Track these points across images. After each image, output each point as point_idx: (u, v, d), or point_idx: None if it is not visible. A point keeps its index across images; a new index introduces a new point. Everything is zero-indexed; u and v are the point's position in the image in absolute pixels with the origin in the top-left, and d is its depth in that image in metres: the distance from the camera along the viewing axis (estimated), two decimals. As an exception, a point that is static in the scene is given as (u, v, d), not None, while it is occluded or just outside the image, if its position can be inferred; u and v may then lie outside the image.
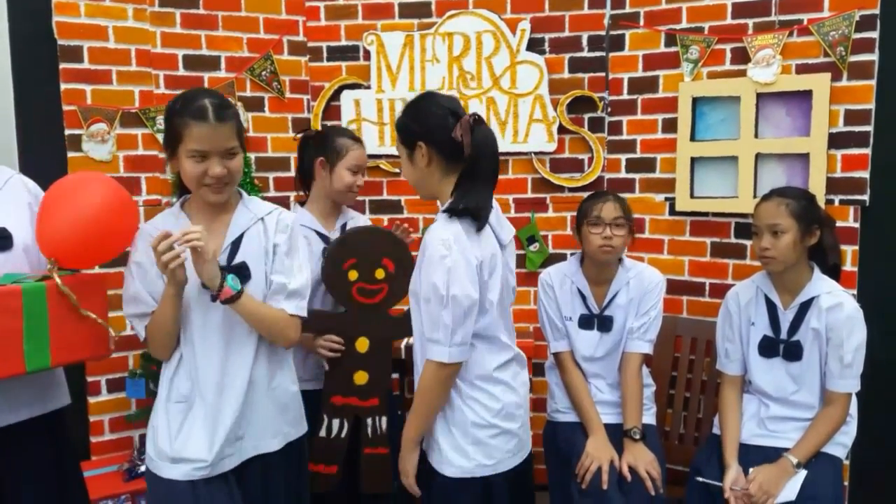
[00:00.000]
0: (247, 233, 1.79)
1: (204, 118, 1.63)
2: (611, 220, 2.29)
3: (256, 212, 1.82)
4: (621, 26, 2.92)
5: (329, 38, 3.09)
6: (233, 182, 1.73)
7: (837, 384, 2.10)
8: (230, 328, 1.77)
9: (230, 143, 1.67)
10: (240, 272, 1.75)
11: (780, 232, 2.09)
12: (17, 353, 1.61)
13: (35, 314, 1.64)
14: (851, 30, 2.49)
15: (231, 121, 1.68)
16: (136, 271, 1.75)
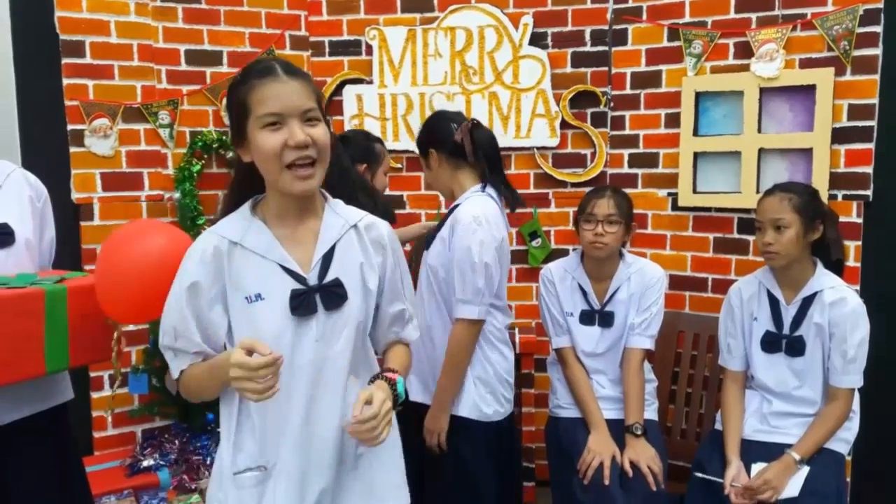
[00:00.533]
0: (339, 244, 1.43)
1: (271, 73, 1.32)
2: (603, 216, 2.28)
3: (347, 217, 1.47)
4: (624, 21, 2.92)
5: (331, 32, 3.09)
6: (321, 160, 1.35)
7: (840, 380, 2.10)
8: (318, 368, 1.38)
9: (307, 103, 1.33)
10: (334, 294, 1.39)
11: (783, 227, 2.09)
12: (38, 354, 1.64)
13: (56, 316, 1.66)
14: (855, 24, 2.48)
15: (304, 79, 1.35)
16: (188, 296, 1.36)
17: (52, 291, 1.65)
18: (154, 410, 2.77)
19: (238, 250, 1.37)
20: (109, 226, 2.77)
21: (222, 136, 2.93)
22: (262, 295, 1.35)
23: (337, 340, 1.39)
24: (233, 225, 1.40)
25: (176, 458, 2.65)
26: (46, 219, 1.90)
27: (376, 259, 1.47)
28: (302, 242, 1.41)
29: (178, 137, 2.89)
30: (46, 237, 1.90)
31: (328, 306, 1.37)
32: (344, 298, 1.39)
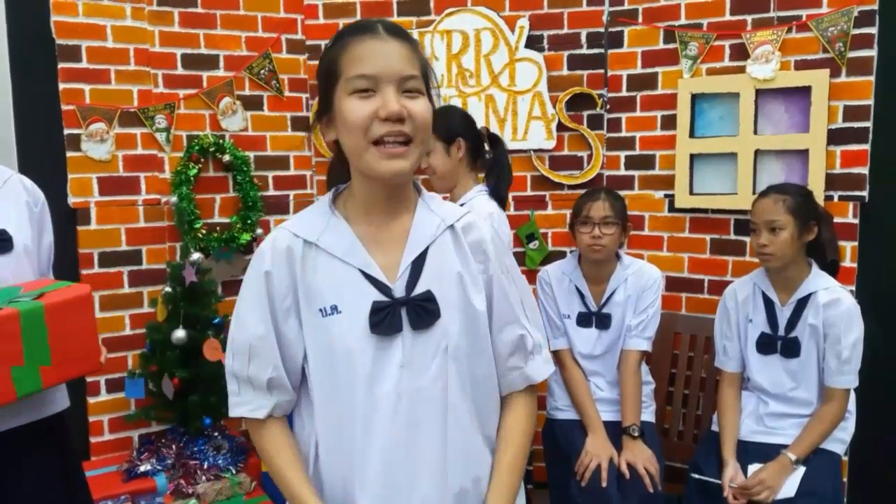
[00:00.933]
0: (432, 248, 1.17)
1: (370, 31, 1.11)
2: (599, 219, 2.29)
3: (444, 215, 1.20)
4: (620, 23, 2.92)
5: (328, 36, 3.09)
6: (418, 141, 1.10)
7: (835, 380, 2.10)
8: (406, 402, 1.12)
9: (408, 69, 1.10)
10: (422, 310, 1.13)
11: (777, 228, 2.09)
12: (7, 380, 1.58)
13: (34, 337, 1.62)
14: (850, 25, 2.49)
15: (408, 41, 1.13)
16: (266, 290, 1.15)
17: (27, 311, 1.60)
18: (151, 415, 2.76)
19: (313, 252, 1.15)
20: (107, 230, 2.77)
21: (219, 140, 2.93)
22: (339, 307, 1.12)
23: (426, 369, 1.13)
24: (308, 221, 1.18)
25: (173, 463, 2.64)
26: (44, 224, 1.90)
27: (476, 268, 1.18)
28: (389, 244, 1.16)
29: (175, 141, 2.89)
30: (45, 242, 1.90)
31: (415, 325, 1.12)
32: (435, 316, 1.13)
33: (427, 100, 1.12)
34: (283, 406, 1.19)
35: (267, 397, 1.17)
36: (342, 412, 1.13)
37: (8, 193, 1.81)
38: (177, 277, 2.67)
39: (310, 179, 3.17)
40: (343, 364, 1.11)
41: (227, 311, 2.92)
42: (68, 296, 1.69)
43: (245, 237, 2.96)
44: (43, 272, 1.89)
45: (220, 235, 2.93)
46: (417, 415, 1.12)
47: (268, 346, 1.15)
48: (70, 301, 1.68)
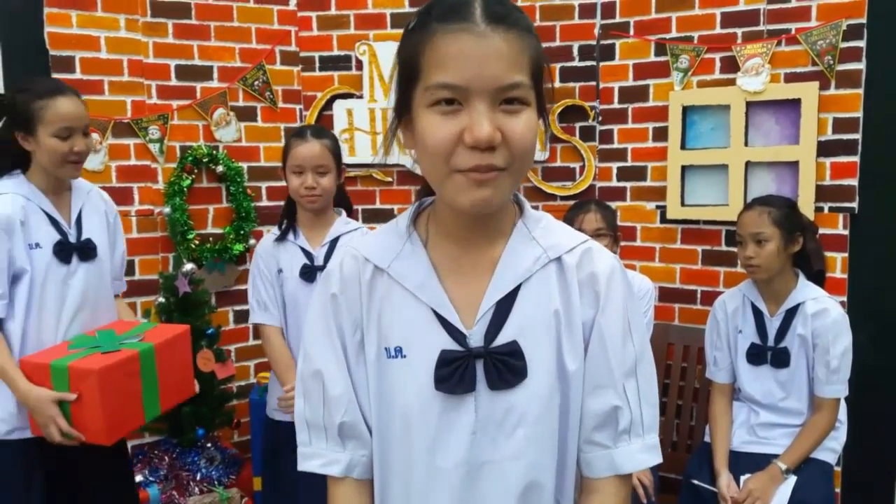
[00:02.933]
0: (526, 285, 0.93)
1: (465, 18, 0.83)
2: (592, 231, 2.30)
3: (549, 244, 0.96)
4: (612, 36, 2.94)
5: (321, 48, 3.10)
6: (515, 168, 0.87)
7: (825, 390, 2.12)
8: (473, 478, 0.93)
9: (510, 75, 0.83)
10: (503, 367, 0.90)
11: (763, 240, 2.11)
12: (139, 408, 1.91)
13: (148, 372, 1.92)
14: (839, 39, 2.52)
15: (518, 33, 0.84)
16: (334, 314, 0.97)
17: (144, 352, 1.90)
18: (144, 426, 2.74)
19: (384, 280, 0.95)
20: (99, 241, 2.76)
21: (212, 151, 2.94)
22: (404, 350, 0.92)
23: (507, 439, 0.91)
24: (381, 243, 0.98)
25: (166, 474, 2.63)
26: (118, 234, 2.16)
27: (584, 315, 0.93)
28: (471, 276, 0.94)
29: (169, 152, 2.90)
30: (118, 251, 2.16)
31: (494, 384, 0.90)
32: (521, 375, 0.90)
33: (533, 111, 0.86)
34: (363, 465, 0.96)
35: (340, 449, 0.96)
36: (396, 480, 0.94)
37: (92, 205, 2.07)
38: (170, 288, 2.66)
39: (303, 190, 3.17)
40: (400, 423, 0.92)
41: (221, 321, 2.93)
42: (169, 335, 2.03)
43: (238, 248, 2.97)
44: (116, 278, 2.15)
45: (214, 246, 2.93)
46: (486, 492, 0.91)
47: (338, 382, 0.94)
48: (172, 340, 2.00)
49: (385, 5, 3.04)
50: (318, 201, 2.10)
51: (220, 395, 2.81)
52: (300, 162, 2.08)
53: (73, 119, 1.88)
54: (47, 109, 1.84)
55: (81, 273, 1.97)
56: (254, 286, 2.20)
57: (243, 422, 2.92)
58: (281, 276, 2.15)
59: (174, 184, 2.86)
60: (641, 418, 0.93)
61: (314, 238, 2.17)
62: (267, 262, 2.17)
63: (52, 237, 1.92)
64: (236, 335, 3.08)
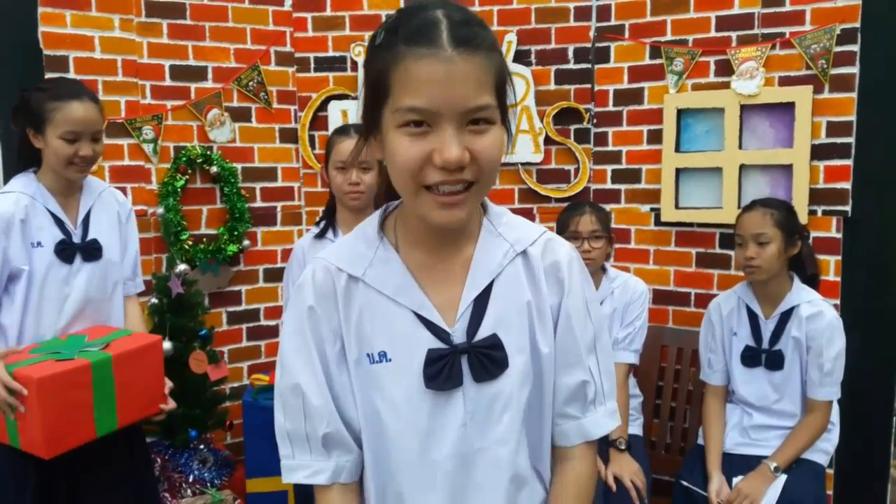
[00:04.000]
0: (498, 280, 0.99)
1: (432, 42, 0.85)
2: (588, 233, 2.31)
3: (515, 238, 1.01)
4: (607, 39, 2.95)
5: (316, 48, 3.10)
6: (481, 183, 0.91)
7: (817, 392, 2.12)
8: (465, 466, 0.97)
9: (478, 97, 0.86)
10: (486, 359, 0.96)
11: (764, 241, 2.12)
12: (89, 421, 1.80)
13: (103, 384, 1.82)
14: (833, 43, 2.52)
15: (484, 55, 0.87)
16: (311, 330, 0.98)
17: (97, 362, 1.80)
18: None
19: (360, 288, 0.98)
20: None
21: (206, 151, 2.93)
22: (389, 354, 0.96)
23: (494, 425, 0.96)
24: (351, 250, 1.00)
25: (158, 476, 2.62)
26: (130, 234, 2.17)
27: (551, 301, 1.00)
28: (447, 278, 0.98)
29: (162, 152, 2.89)
30: (130, 251, 2.17)
31: (479, 376, 0.95)
32: (502, 366, 0.96)
33: (500, 128, 0.90)
34: (349, 469, 0.99)
35: (325, 459, 0.97)
36: (393, 478, 0.97)
37: (103, 206, 2.08)
38: (163, 289, 2.65)
39: (297, 191, 3.17)
40: (393, 422, 0.95)
41: (214, 322, 2.92)
42: (135, 345, 1.90)
43: (232, 248, 2.96)
44: (128, 278, 2.16)
45: (207, 247, 2.92)
46: (479, 480, 0.96)
47: (317, 394, 0.96)
48: (136, 351, 1.90)
49: (380, 6, 3.04)
50: (360, 198, 2.09)
51: (213, 397, 2.81)
52: (344, 158, 2.07)
53: (82, 124, 1.89)
54: (58, 111, 1.88)
55: (85, 273, 1.99)
56: (288, 284, 2.21)
57: (236, 423, 2.91)
58: None
59: (168, 184, 2.85)
60: (603, 388, 1.03)
61: None
62: (302, 260, 2.17)
63: (54, 236, 1.95)
64: (229, 336, 3.07)
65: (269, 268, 3.14)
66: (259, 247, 3.11)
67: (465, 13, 0.89)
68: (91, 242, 2.01)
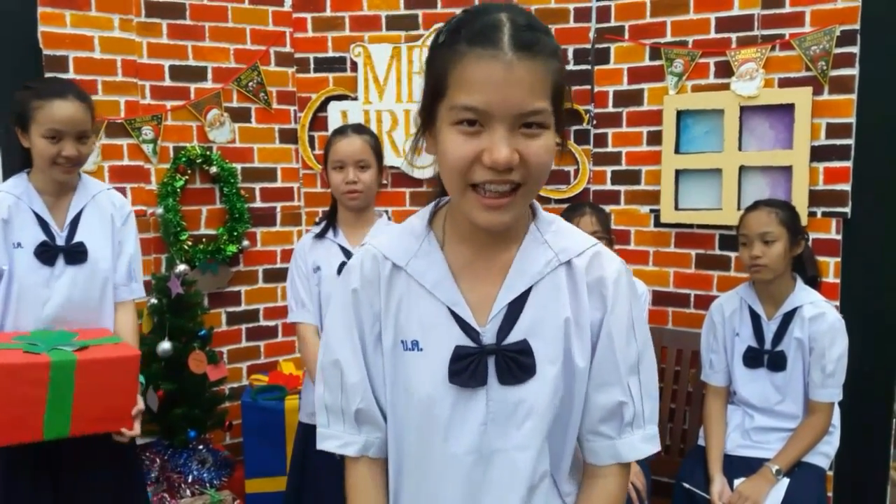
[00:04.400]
0: (537, 287, 0.99)
1: (493, 44, 0.87)
2: (588, 233, 2.29)
3: (560, 247, 1.01)
4: (606, 40, 2.95)
5: (316, 49, 3.10)
6: (529, 186, 0.93)
7: (819, 393, 2.12)
8: (483, 464, 0.99)
9: (532, 102, 0.88)
10: (514, 363, 0.97)
11: (771, 240, 2.12)
12: (38, 420, 1.72)
13: (61, 387, 1.72)
14: (832, 45, 2.53)
15: (543, 60, 0.89)
16: (354, 307, 1.04)
17: (58, 362, 1.72)
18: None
19: (402, 278, 1.01)
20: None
21: (206, 152, 2.93)
22: (421, 344, 0.99)
23: (516, 430, 0.97)
24: (399, 241, 1.03)
25: (157, 476, 2.62)
26: (126, 237, 2.08)
27: (592, 316, 0.99)
28: (485, 278, 0.99)
29: (162, 153, 2.89)
30: (125, 255, 2.07)
31: (504, 379, 0.96)
32: (529, 372, 0.96)
33: (551, 133, 0.90)
34: (378, 445, 1.04)
35: (356, 433, 1.03)
36: (412, 463, 1.01)
37: (97, 207, 2.02)
38: (162, 289, 2.65)
39: (297, 192, 3.17)
40: (416, 410, 0.98)
41: (213, 322, 2.92)
42: (108, 355, 1.80)
43: (231, 249, 2.96)
44: (121, 283, 2.06)
45: (207, 247, 2.92)
46: (494, 478, 0.98)
47: (355, 371, 1.01)
48: (107, 361, 1.79)
49: (380, 7, 3.04)
50: (359, 197, 2.09)
51: (213, 397, 2.80)
52: (341, 157, 2.08)
53: (64, 123, 1.84)
54: (41, 110, 1.84)
55: (67, 277, 1.93)
56: (292, 285, 2.19)
57: (235, 424, 2.91)
58: (318, 274, 2.14)
59: (167, 184, 2.85)
60: (643, 411, 1.01)
61: (354, 236, 2.16)
62: (304, 260, 2.17)
63: (35, 238, 1.90)
64: (229, 337, 3.07)
65: (269, 268, 3.14)
66: (258, 247, 3.11)
67: (530, 18, 0.91)
68: (76, 245, 1.94)
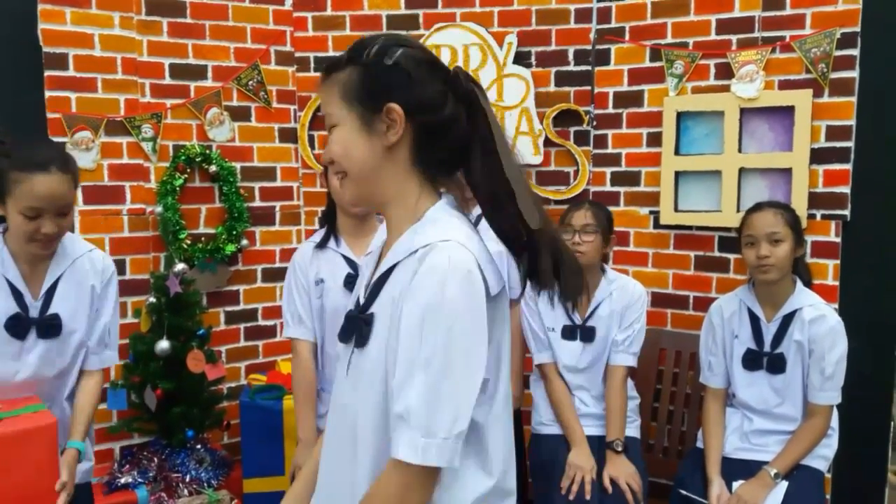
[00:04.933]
0: (397, 269, 1.10)
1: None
2: (580, 226, 2.31)
3: (420, 239, 1.06)
4: (607, 41, 2.95)
5: (316, 48, 3.10)
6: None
7: (818, 396, 2.12)
8: (337, 417, 1.17)
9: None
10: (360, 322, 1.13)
11: (778, 241, 2.12)
12: None
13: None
14: (833, 47, 2.53)
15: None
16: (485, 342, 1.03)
17: None
18: (133, 427, 2.73)
19: None
20: (90, 239, 2.71)
21: (206, 150, 2.92)
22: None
23: (353, 387, 1.12)
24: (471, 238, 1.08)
25: (154, 476, 2.61)
26: (104, 303, 1.94)
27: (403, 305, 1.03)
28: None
29: (162, 151, 2.88)
30: (101, 322, 1.94)
31: (358, 342, 1.11)
32: (369, 325, 1.08)
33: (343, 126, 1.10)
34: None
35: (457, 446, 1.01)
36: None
37: (73, 275, 1.88)
38: (161, 288, 2.65)
39: (296, 191, 3.17)
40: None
41: (212, 322, 2.92)
42: (18, 427, 1.63)
43: (230, 248, 2.95)
44: (93, 352, 1.93)
45: (206, 246, 2.92)
46: (338, 432, 1.14)
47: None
48: (15, 434, 1.61)
49: (381, 7, 3.04)
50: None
51: (211, 397, 2.80)
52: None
53: (45, 200, 1.68)
54: (20, 184, 1.67)
55: (39, 350, 1.82)
56: (289, 298, 2.12)
57: (233, 423, 2.91)
58: (321, 287, 2.07)
59: (167, 183, 2.84)
60: (420, 413, 0.98)
61: (357, 246, 2.09)
62: (305, 272, 2.10)
63: (7, 310, 1.78)
64: (227, 336, 3.07)
65: (268, 267, 3.14)
66: (257, 246, 3.10)
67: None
68: (50, 318, 1.82)
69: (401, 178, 1.09)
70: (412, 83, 1.04)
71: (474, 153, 1.07)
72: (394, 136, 1.05)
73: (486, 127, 1.06)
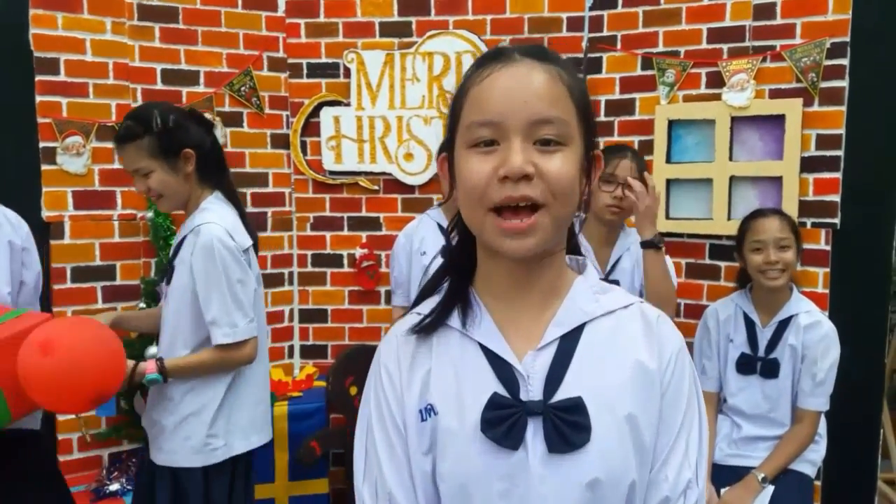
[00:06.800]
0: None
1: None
2: (623, 179, 2.11)
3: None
4: (599, 49, 2.96)
5: (309, 55, 3.10)
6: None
7: (808, 402, 2.13)
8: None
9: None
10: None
11: (785, 246, 2.14)
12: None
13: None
14: (823, 57, 2.55)
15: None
16: None
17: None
18: (121, 433, 2.71)
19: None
20: (80, 245, 2.73)
21: (197, 156, 2.91)
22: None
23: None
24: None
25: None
26: (29, 260, 1.89)
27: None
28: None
29: (153, 156, 2.87)
30: (28, 279, 1.89)
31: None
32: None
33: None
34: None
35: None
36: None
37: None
38: (151, 294, 2.63)
39: (288, 197, 3.16)
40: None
41: (202, 328, 2.89)
42: (18, 328, 1.61)
43: (222, 254, 2.93)
44: (26, 307, 1.85)
45: (197, 252, 2.90)
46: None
47: None
48: (18, 334, 1.60)
49: (373, 14, 3.04)
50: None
51: (201, 403, 2.78)
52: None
53: None
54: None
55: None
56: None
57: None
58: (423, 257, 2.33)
59: (158, 188, 2.83)
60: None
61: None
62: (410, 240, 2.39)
63: None
64: (218, 342, 3.04)
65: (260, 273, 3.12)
66: (249, 252, 3.09)
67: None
68: None
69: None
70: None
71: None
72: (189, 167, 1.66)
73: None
